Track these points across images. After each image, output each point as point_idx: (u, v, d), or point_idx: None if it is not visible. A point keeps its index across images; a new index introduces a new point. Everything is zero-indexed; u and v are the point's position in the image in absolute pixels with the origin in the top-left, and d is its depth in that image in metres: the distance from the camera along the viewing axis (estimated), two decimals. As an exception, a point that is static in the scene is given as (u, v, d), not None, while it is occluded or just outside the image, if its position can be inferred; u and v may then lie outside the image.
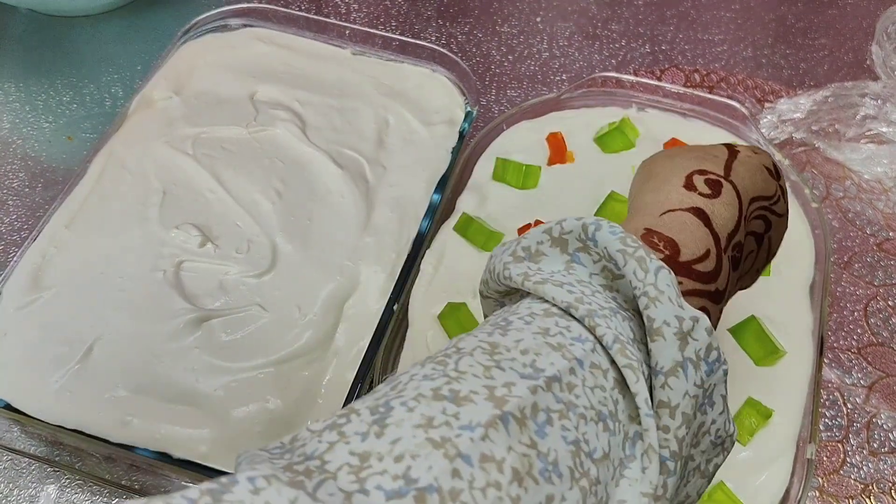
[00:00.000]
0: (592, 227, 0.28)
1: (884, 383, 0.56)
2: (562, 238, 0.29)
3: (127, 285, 0.54)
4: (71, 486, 0.52)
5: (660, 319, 0.26)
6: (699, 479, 0.28)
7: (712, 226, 0.32)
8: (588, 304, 0.27)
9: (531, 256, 0.30)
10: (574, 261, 0.29)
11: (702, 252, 0.30)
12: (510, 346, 0.26)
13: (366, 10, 0.78)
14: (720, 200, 0.33)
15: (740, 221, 0.33)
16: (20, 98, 0.71)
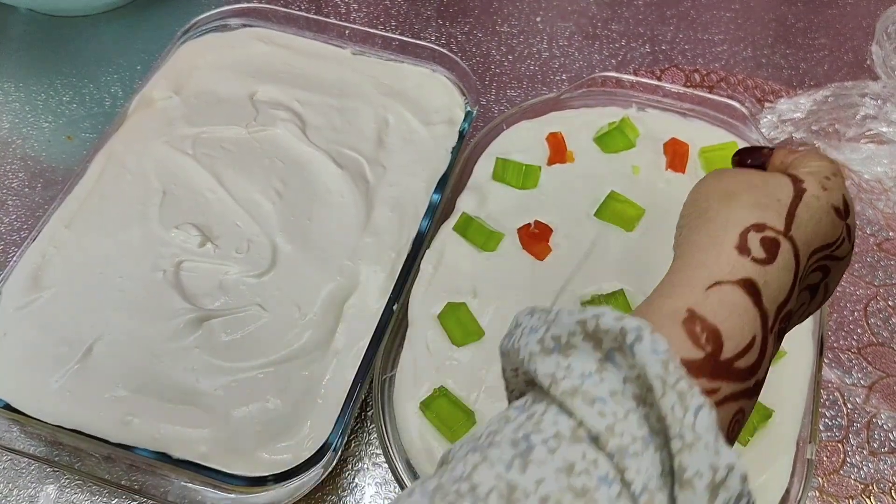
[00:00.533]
0: (632, 337, 0.26)
1: (884, 383, 0.56)
2: (596, 335, 0.27)
3: (127, 285, 0.54)
4: (70, 486, 0.52)
5: (692, 469, 0.24)
6: None
7: (762, 302, 0.29)
8: (619, 437, 0.25)
9: (561, 348, 0.27)
10: (608, 360, 0.27)
11: (746, 342, 0.28)
12: (529, 489, 0.24)
13: (366, 10, 0.78)
14: (775, 266, 0.30)
15: (794, 287, 0.31)
16: (20, 98, 0.71)
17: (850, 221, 0.35)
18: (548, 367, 0.27)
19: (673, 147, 0.61)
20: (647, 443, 0.25)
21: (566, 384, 0.26)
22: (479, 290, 0.54)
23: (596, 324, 0.27)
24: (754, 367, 0.28)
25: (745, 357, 0.28)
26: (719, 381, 0.27)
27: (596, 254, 0.56)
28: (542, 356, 0.28)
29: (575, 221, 0.57)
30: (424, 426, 0.49)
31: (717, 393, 0.27)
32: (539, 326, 0.28)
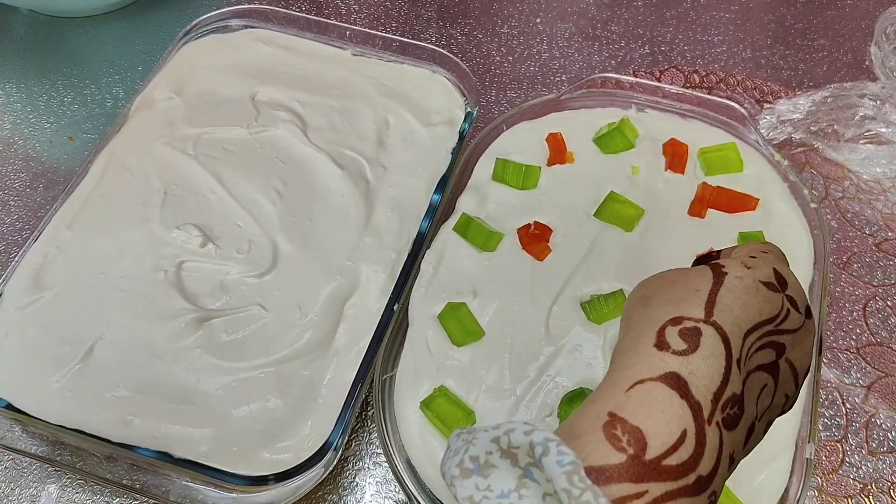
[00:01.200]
0: (539, 450, 0.26)
1: (883, 383, 0.56)
2: (511, 452, 0.27)
3: (128, 285, 0.54)
4: (72, 485, 0.52)
5: None
6: None
7: (690, 394, 0.28)
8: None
9: (480, 469, 0.27)
10: (527, 476, 0.26)
11: (675, 438, 0.27)
12: None
13: (366, 11, 0.78)
14: (699, 354, 0.29)
15: (730, 371, 0.29)
16: (21, 99, 0.71)
17: (792, 293, 0.33)
18: (467, 490, 0.27)
19: (672, 148, 0.61)
20: None
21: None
22: (479, 290, 0.54)
23: (508, 440, 0.26)
24: (690, 463, 0.27)
25: (677, 454, 0.27)
26: (646, 483, 0.26)
27: (595, 254, 0.56)
28: (461, 479, 0.27)
29: (574, 222, 0.58)
30: (425, 426, 0.50)
31: (645, 496, 0.26)
32: (460, 449, 0.28)
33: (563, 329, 0.53)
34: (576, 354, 0.52)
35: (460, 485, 0.27)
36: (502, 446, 0.27)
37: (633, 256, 0.56)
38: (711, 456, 0.28)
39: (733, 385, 0.29)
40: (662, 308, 0.31)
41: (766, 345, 0.32)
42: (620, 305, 0.53)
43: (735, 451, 0.30)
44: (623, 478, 0.26)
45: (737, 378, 0.29)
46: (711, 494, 0.28)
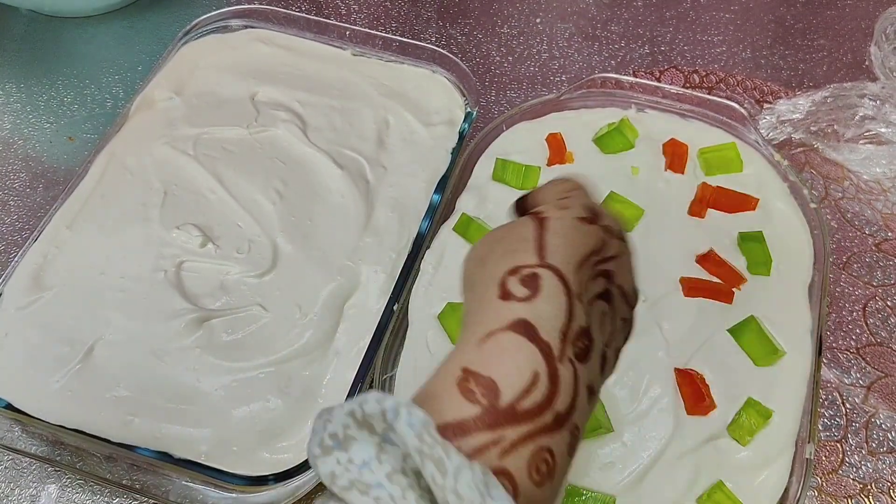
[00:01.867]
0: (391, 415, 0.26)
1: (882, 383, 0.56)
2: (366, 420, 0.27)
3: (128, 285, 0.54)
4: (72, 485, 0.52)
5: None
6: None
7: (539, 337, 0.29)
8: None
9: (340, 444, 0.27)
10: (385, 441, 0.27)
11: (527, 381, 0.28)
12: None
13: (366, 12, 0.78)
14: (542, 297, 0.30)
15: (573, 306, 0.31)
16: (21, 99, 0.71)
17: (606, 222, 0.35)
18: (328, 466, 0.27)
19: (672, 148, 0.61)
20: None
21: (343, 480, 0.26)
22: (478, 291, 0.54)
23: (362, 411, 0.27)
24: (545, 403, 0.28)
25: (530, 396, 0.28)
26: (501, 430, 0.27)
27: (595, 254, 0.56)
28: (323, 457, 0.27)
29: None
30: (424, 426, 0.49)
31: (502, 442, 0.27)
32: (319, 428, 0.28)
33: (563, 329, 0.53)
34: (576, 354, 0.52)
35: (322, 462, 0.27)
36: (357, 418, 0.27)
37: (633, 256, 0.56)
38: (567, 392, 0.29)
39: (578, 319, 0.30)
40: (499, 262, 0.32)
41: (597, 274, 0.33)
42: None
43: (593, 381, 0.31)
44: (478, 428, 0.27)
45: (580, 311, 0.31)
46: (574, 428, 0.29)
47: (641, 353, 0.52)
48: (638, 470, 0.48)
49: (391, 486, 0.26)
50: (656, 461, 0.48)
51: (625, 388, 0.51)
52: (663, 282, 0.55)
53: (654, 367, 0.51)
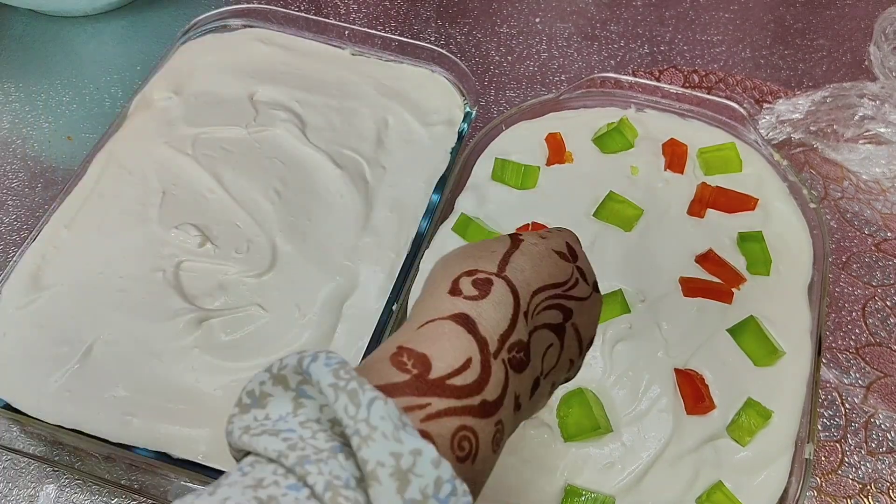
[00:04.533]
0: (308, 360, 0.26)
1: (882, 383, 0.56)
2: (281, 375, 0.27)
3: (126, 285, 0.54)
4: (70, 485, 0.52)
5: (373, 461, 0.23)
6: None
7: (477, 330, 0.29)
8: (301, 451, 0.24)
9: (256, 402, 0.27)
10: (301, 395, 0.27)
11: (460, 363, 0.28)
12: None
13: (365, 11, 0.78)
14: (489, 300, 0.30)
15: (516, 319, 0.31)
16: (20, 98, 0.71)
17: (582, 265, 0.36)
18: (243, 422, 0.27)
19: (671, 148, 0.61)
20: (334, 451, 0.24)
21: (257, 429, 0.26)
22: (478, 291, 0.54)
23: (280, 363, 0.27)
24: (475, 387, 0.28)
25: (461, 376, 0.28)
26: (429, 397, 0.27)
27: (594, 254, 0.56)
28: (239, 416, 0.27)
29: (573, 222, 0.58)
30: (424, 426, 0.49)
31: (428, 407, 0.26)
32: (239, 393, 0.28)
33: (563, 329, 0.53)
34: (575, 354, 0.52)
35: (238, 420, 0.27)
36: (273, 372, 0.27)
37: (633, 256, 0.56)
38: (497, 386, 0.29)
39: (519, 332, 0.31)
40: (459, 263, 0.33)
41: (554, 306, 0.33)
42: (620, 305, 0.53)
43: (521, 395, 0.31)
44: (405, 392, 0.27)
45: (523, 327, 0.31)
46: (498, 423, 0.28)
47: (641, 353, 0.52)
48: (637, 470, 0.48)
49: (302, 430, 0.25)
50: (656, 461, 0.48)
51: (624, 389, 0.51)
52: (663, 282, 0.55)
53: (654, 367, 0.51)
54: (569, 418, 0.49)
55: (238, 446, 0.26)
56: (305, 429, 0.25)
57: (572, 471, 0.48)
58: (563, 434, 0.49)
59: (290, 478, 0.24)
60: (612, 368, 0.51)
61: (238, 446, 0.26)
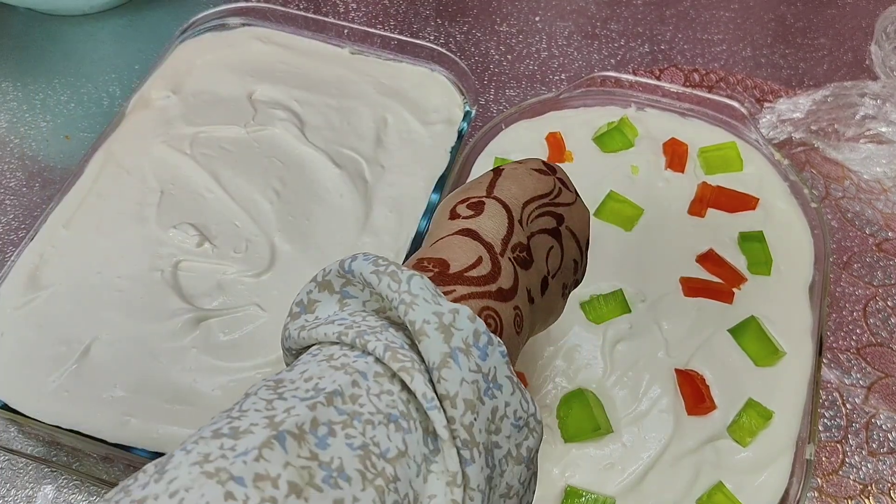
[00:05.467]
0: (349, 261, 0.29)
1: (883, 384, 0.56)
2: (326, 281, 0.30)
3: (125, 285, 0.54)
4: (68, 486, 0.52)
5: (419, 320, 0.27)
6: (515, 465, 0.29)
7: (481, 237, 0.33)
8: (357, 328, 0.28)
9: (305, 308, 0.31)
10: (345, 296, 0.30)
11: (473, 260, 0.32)
12: (295, 378, 0.26)
13: (364, 10, 0.78)
14: (484, 215, 0.34)
15: (513, 226, 0.34)
16: (17, 97, 0.71)
17: (562, 176, 0.40)
18: (297, 324, 0.30)
19: (672, 147, 0.61)
20: (385, 326, 0.28)
21: (311, 325, 0.29)
22: (477, 290, 0.54)
23: (323, 272, 0.30)
24: (490, 276, 0.32)
25: (476, 269, 0.31)
26: (452, 285, 0.31)
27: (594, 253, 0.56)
28: (292, 322, 0.31)
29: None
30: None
31: (453, 293, 0.30)
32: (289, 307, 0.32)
33: (562, 329, 0.52)
34: (575, 355, 0.52)
35: (292, 325, 0.30)
36: (318, 280, 0.31)
37: (633, 256, 0.56)
38: (509, 277, 0.32)
39: (518, 236, 0.34)
40: (453, 198, 0.37)
41: (545, 213, 0.37)
42: (620, 305, 0.53)
43: (532, 289, 0.34)
44: None
45: (521, 232, 0.35)
46: (516, 308, 0.32)
47: (641, 354, 0.52)
48: (637, 471, 0.48)
49: (353, 318, 0.29)
50: (656, 462, 0.48)
51: (624, 389, 0.51)
52: (663, 281, 0.55)
53: (654, 367, 0.51)
54: (568, 419, 0.49)
55: (298, 343, 0.30)
56: (356, 316, 0.29)
57: (572, 471, 0.48)
58: (563, 435, 0.49)
59: (354, 350, 0.27)
60: (612, 369, 0.51)
61: (298, 343, 0.30)
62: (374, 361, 0.27)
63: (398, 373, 0.26)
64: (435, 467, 0.26)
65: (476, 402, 0.26)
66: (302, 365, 0.27)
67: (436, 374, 0.26)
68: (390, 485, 0.24)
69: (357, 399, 0.25)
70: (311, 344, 0.29)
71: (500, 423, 0.28)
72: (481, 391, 0.27)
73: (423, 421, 0.26)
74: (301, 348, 0.30)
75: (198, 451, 0.23)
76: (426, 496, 0.25)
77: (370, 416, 0.25)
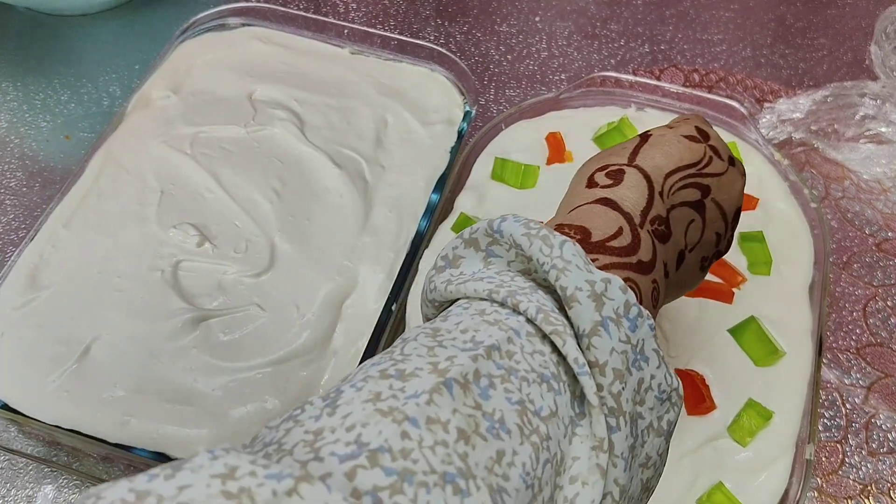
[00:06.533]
0: (498, 221, 0.30)
1: (883, 384, 0.56)
2: (472, 238, 0.31)
3: (125, 285, 0.54)
4: (68, 486, 0.52)
5: (572, 286, 0.27)
6: (655, 437, 0.29)
7: (621, 208, 0.32)
8: (508, 287, 0.28)
9: (451, 263, 0.31)
10: (489, 255, 0.30)
11: (614, 230, 0.31)
12: (451, 328, 0.27)
13: (364, 10, 0.78)
14: (624, 185, 0.34)
15: (653, 197, 0.34)
16: (18, 97, 0.71)
17: (715, 143, 0.38)
18: (443, 277, 0.31)
19: (672, 147, 0.61)
20: (534, 288, 0.28)
21: (459, 280, 0.30)
22: (477, 290, 0.54)
23: (471, 230, 0.31)
24: (631, 247, 0.31)
25: (617, 240, 0.31)
26: (595, 254, 0.30)
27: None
28: (437, 275, 0.31)
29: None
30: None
31: (597, 262, 0.30)
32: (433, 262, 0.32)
33: (563, 329, 0.52)
34: (575, 355, 0.52)
35: (438, 278, 0.31)
36: (465, 238, 0.31)
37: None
38: (648, 250, 0.32)
39: (657, 208, 0.34)
40: (593, 164, 0.36)
41: (690, 185, 0.36)
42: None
43: (668, 263, 0.34)
44: None
45: (660, 204, 0.34)
46: (654, 282, 0.32)
47: (641, 354, 0.52)
48: (637, 471, 0.48)
49: (499, 278, 0.29)
50: (656, 462, 0.48)
51: (624, 389, 0.51)
52: (663, 282, 0.55)
53: (654, 367, 0.51)
54: (569, 419, 0.49)
55: (444, 297, 0.30)
56: (503, 275, 0.29)
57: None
58: (563, 435, 0.49)
59: (505, 308, 0.28)
60: (612, 369, 0.51)
61: (444, 297, 0.30)
62: (525, 321, 0.27)
63: (549, 335, 0.27)
64: (580, 430, 0.27)
65: (624, 372, 0.27)
66: (455, 317, 0.28)
67: (585, 340, 0.27)
68: (543, 442, 0.25)
69: (513, 356, 0.26)
70: (457, 298, 0.30)
71: (645, 395, 0.28)
72: (629, 362, 0.27)
73: (571, 385, 0.27)
74: (446, 301, 0.31)
75: (368, 388, 0.24)
76: (570, 457, 0.26)
77: (525, 374, 0.26)
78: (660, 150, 0.36)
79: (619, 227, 0.31)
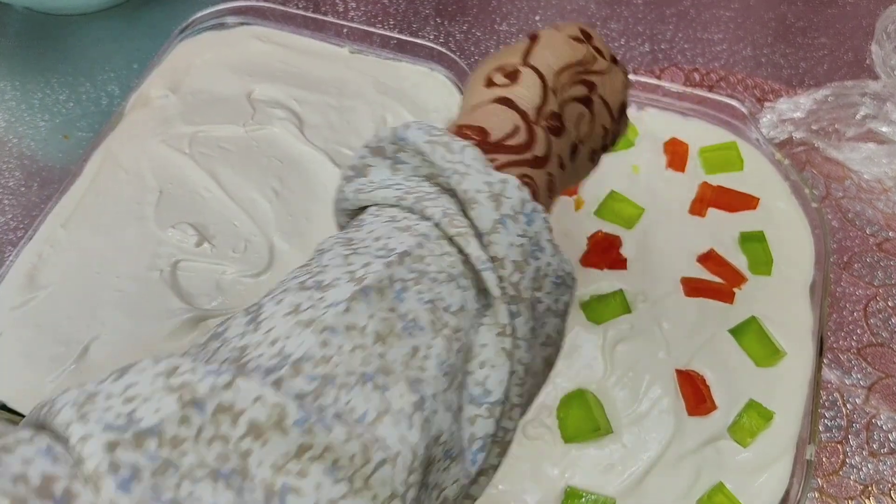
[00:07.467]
0: (402, 129, 0.31)
1: (883, 384, 0.55)
2: (379, 147, 0.32)
3: (123, 285, 0.54)
4: (66, 486, 0.51)
5: (472, 189, 0.29)
6: (553, 318, 0.32)
7: (517, 106, 0.34)
8: (415, 194, 0.30)
9: (360, 172, 0.33)
10: (396, 162, 0.32)
11: (510, 129, 0.33)
12: (364, 237, 0.29)
13: (364, 9, 0.78)
14: (519, 84, 0.35)
15: (546, 94, 0.36)
16: (16, 96, 0.71)
17: (598, 44, 0.40)
18: (353, 187, 0.32)
19: (672, 146, 0.61)
20: (439, 193, 0.30)
21: (368, 188, 0.31)
22: (477, 290, 0.54)
23: (377, 138, 0.32)
24: (526, 145, 0.33)
25: (514, 138, 0.33)
26: (493, 154, 0.32)
27: (595, 254, 0.56)
28: (347, 184, 0.33)
29: (574, 221, 0.57)
30: (422, 427, 0.49)
31: (495, 161, 0.31)
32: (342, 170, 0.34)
33: (563, 329, 0.52)
34: (575, 355, 0.52)
35: (347, 187, 0.32)
36: (371, 146, 0.33)
37: (634, 255, 0.56)
38: (543, 145, 0.34)
39: (551, 105, 0.35)
40: (488, 65, 0.38)
41: (578, 81, 0.38)
42: (620, 305, 0.53)
43: (562, 156, 0.36)
44: None
45: (553, 101, 0.36)
46: (549, 174, 0.34)
47: (642, 354, 0.52)
48: (638, 471, 0.48)
49: (408, 183, 0.31)
50: (656, 463, 0.48)
51: (625, 389, 0.50)
52: (664, 281, 0.55)
53: (655, 367, 0.51)
54: (568, 419, 0.49)
55: (354, 204, 0.32)
56: (410, 181, 0.31)
57: (572, 472, 0.48)
58: (563, 435, 0.49)
59: (414, 214, 0.30)
60: (612, 369, 0.51)
61: (354, 204, 0.32)
62: (433, 226, 0.29)
63: (454, 237, 0.29)
64: (486, 321, 0.29)
65: (523, 263, 0.29)
66: (368, 225, 0.30)
67: (486, 238, 0.29)
68: (454, 335, 0.28)
69: (423, 259, 0.28)
70: (368, 205, 0.31)
71: (543, 282, 0.30)
72: (527, 253, 0.29)
73: (475, 280, 0.29)
74: (357, 209, 0.32)
75: (288, 301, 0.26)
76: (478, 345, 0.29)
77: (435, 275, 0.28)
78: (550, 50, 0.38)
79: (515, 126, 0.33)
